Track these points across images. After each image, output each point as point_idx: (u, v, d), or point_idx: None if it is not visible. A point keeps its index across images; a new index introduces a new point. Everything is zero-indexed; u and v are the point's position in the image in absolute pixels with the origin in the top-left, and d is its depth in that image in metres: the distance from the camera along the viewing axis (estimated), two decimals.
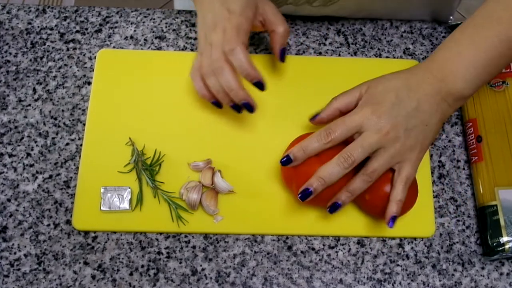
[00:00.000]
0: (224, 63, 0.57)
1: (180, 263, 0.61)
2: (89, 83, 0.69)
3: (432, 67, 0.56)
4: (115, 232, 0.62)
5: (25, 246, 0.61)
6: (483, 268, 0.62)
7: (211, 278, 0.61)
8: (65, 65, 0.70)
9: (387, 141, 0.54)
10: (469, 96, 0.57)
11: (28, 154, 0.65)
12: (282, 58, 0.64)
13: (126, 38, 0.72)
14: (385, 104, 0.54)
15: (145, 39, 0.72)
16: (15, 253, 0.61)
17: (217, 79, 0.59)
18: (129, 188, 0.62)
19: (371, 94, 0.56)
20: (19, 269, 0.60)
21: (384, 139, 0.54)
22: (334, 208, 0.57)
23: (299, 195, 0.56)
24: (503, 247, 0.60)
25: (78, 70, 0.70)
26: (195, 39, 0.72)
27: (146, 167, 0.63)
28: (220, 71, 0.58)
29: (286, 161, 0.57)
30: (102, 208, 0.61)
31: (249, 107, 0.60)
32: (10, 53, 0.70)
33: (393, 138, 0.54)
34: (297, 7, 0.71)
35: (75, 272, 0.60)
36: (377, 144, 0.54)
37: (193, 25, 0.73)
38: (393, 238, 0.63)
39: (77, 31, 0.72)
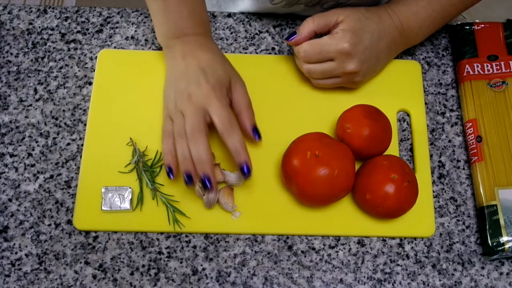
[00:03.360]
0: (200, 132, 0.57)
1: (181, 262, 0.61)
2: (90, 83, 0.69)
3: (395, 19, 0.65)
4: (116, 232, 0.62)
5: (26, 246, 0.61)
6: (483, 268, 0.63)
7: (211, 277, 0.61)
8: (66, 65, 0.70)
9: (346, 76, 0.64)
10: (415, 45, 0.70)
11: (29, 154, 0.65)
12: (258, 136, 0.61)
13: (127, 38, 0.72)
14: (359, 46, 0.62)
15: (146, 40, 0.72)
16: (16, 252, 0.61)
17: (189, 145, 0.57)
18: (130, 188, 0.62)
19: (349, 28, 0.62)
20: (20, 269, 0.60)
21: (344, 75, 0.64)
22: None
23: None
24: (503, 247, 0.60)
25: (79, 70, 0.70)
26: None
27: (147, 168, 0.63)
28: (195, 139, 0.57)
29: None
30: (103, 208, 0.61)
31: (207, 184, 0.57)
32: (11, 53, 0.70)
33: (351, 77, 0.64)
34: (307, 8, 0.71)
35: (76, 272, 0.60)
36: (337, 75, 0.64)
37: None
38: (393, 238, 0.63)
39: (78, 32, 0.72)
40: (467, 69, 0.69)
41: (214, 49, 0.63)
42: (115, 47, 0.71)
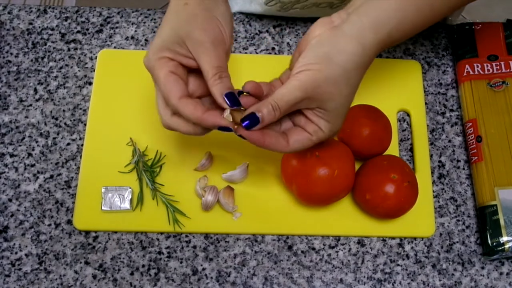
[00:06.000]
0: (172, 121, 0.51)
1: (181, 262, 0.61)
2: (90, 83, 0.69)
3: (375, 46, 0.49)
4: (116, 232, 0.62)
5: (26, 246, 0.61)
6: (483, 268, 0.63)
7: (211, 277, 0.61)
8: (66, 65, 0.70)
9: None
10: None
11: (29, 154, 0.65)
12: (232, 103, 0.49)
13: (127, 38, 0.72)
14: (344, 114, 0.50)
15: (146, 40, 0.72)
16: (16, 252, 0.61)
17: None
18: (130, 188, 0.62)
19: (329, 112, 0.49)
20: (20, 269, 0.60)
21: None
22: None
23: (246, 123, 0.48)
24: (503, 247, 0.60)
25: (79, 70, 0.70)
26: None
27: (147, 168, 0.63)
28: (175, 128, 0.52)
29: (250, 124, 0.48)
30: (103, 208, 0.61)
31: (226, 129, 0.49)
32: (11, 54, 0.70)
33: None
34: (303, 10, 0.71)
35: (76, 272, 0.60)
36: None
37: None
38: (393, 238, 0.63)
39: (78, 32, 0.72)
40: (467, 69, 0.69)
41: None
42: (115, 47, 0.71)
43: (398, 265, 0.62)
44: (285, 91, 0.48)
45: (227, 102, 0.49)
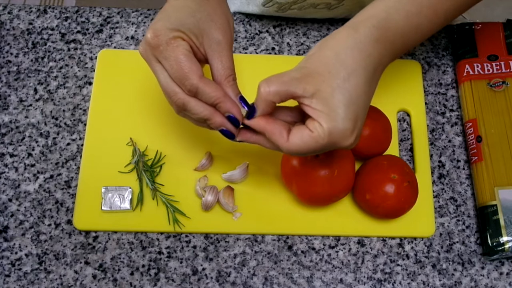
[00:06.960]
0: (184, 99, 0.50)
1: (181, 262, 0.61)
2: (90, 83, 0.69)
3: (369, 27, 0.48)
4: (116, 232, 0.62)
5: (26, 246, 0.61)
6: (483, 268, 0.63)
7: (211, 277, 0.61)
8: (66, 65, 0.70)
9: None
10: None
11: (29, 154, 0.65)
12: (245, 105, 0.51)
13: (127, 38, 0.72)
14: (359, 117, 0.48)
15: None
16: (16, 252, 0.61)
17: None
18: (130, 188, 0.62)
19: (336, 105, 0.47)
20: (20, 269, 0.60)
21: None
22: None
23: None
24: (503, 247, 0.60)
25: (79, 70, 0.70)
26: None
27: (147, 168, 0.63)
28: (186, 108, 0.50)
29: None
30: (103, 208, 0.61)
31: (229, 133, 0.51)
32: (11, 53, 0.70)
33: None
34: (300, 11, 0.71)
35: (76, 272, 0.60)
36: None
37: None
38: (393, 238, 0.63)
39: (78, 32, 0.72)
40: (467, 69, 0.69)
41: None
42: (115, 47, 0.71)
43: (398, 265, 0.62)
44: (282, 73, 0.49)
45: (242, 103, 0.51)
